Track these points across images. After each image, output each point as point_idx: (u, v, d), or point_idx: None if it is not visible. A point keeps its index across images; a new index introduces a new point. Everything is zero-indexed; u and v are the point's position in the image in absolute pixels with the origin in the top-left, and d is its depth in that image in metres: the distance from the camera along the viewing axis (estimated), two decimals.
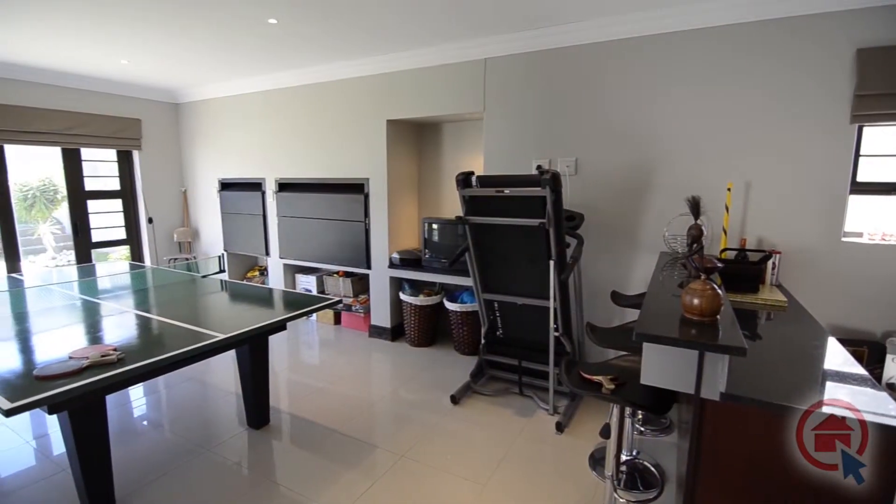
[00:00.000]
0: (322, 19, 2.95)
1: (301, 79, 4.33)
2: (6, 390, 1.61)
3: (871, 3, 2.36)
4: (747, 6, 2.58)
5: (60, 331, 2.37)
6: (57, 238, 6.75)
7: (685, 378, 1.34)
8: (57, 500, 2.13)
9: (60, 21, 2.96)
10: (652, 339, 1.35)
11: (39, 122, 4.36)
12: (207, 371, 3.55)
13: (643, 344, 1.38)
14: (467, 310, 3.74)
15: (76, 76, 4.48)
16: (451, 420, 2.83)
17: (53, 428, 2.76)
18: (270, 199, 4.77)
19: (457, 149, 4.19)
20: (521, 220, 2.73)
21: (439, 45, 3.47)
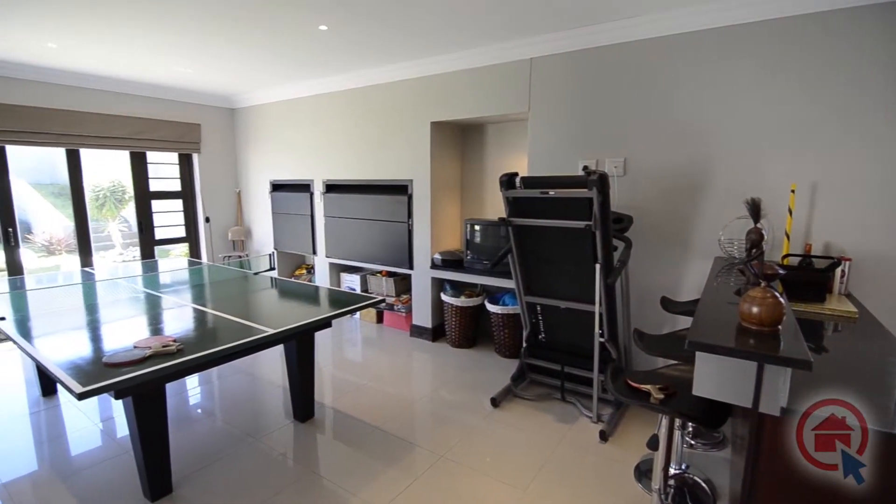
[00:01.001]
0: (370, 25, 3.01)
1: (348, 83, 4.44)
2: (78, 375, 1.75)
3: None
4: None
5: (126, 321, 2.54)
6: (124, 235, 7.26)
7: (742, 391, 1.26)
8: (120, 480, 2.28)
9: (131, 33, 3.18)
10: (706, 348, 1.28)
11: (112, 127, 4.71)
12: (257, 364, 3.71)
13: (696, 353, 1.31)
14: (509, 312, 3.70)
15: (144, 84, 4.80)
16: (490, 423, 2.81)
17: (118, 412, 2.96)
18: (318, 200, 4.92)
19: (500, 150, 4.17)
20: (567, 222, 2.67)
21: (484, 47, 3.46)
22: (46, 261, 6.57)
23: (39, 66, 4.04)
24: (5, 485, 2.26)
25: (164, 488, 2.15)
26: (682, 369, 1.91)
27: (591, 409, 2.83)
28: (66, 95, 4.40)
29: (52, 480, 2.30)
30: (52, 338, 2.28)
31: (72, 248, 5.03)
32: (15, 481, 2.29)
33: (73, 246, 4.96)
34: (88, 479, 2.30)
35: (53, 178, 6.28)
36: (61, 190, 5.56)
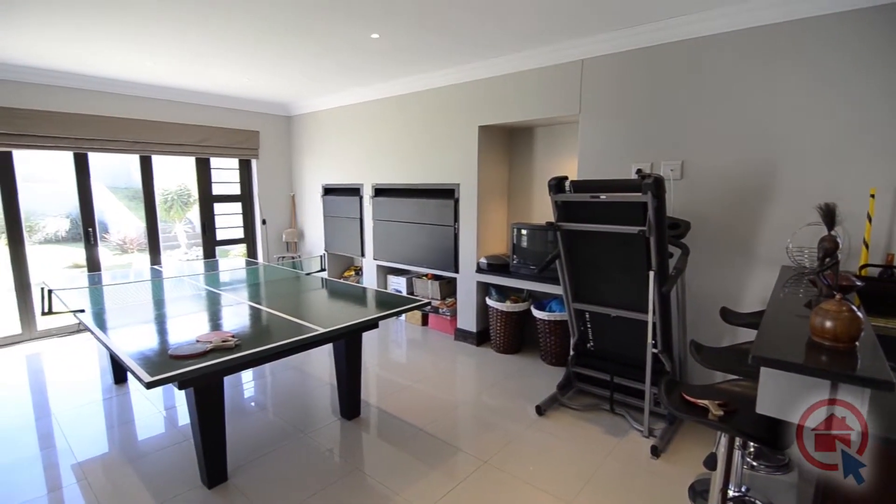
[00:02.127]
0: (419, 32, 3.06)
1: (397, 89, 4.53)
2: (147, 365, 1.87)
3: None
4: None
5: (189, 317, 2.71)
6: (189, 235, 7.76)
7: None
8: (181, 465, 2.42)
9: (203, 50, 3.40)
10: (772, 363, 1.20)
11: (180, 135, 5.05)
12: (306, 361, 3.84)
13: (761, 369, 1.23)
14: (556, 319, 3.63)
15: (209, 94, 5.12)
16: (535, 431, 2.76)
17: (181, 401, 3.15)
18: (367, 204, 5.04)
19: (549, 153, 4.11)
20: (619, 227, 2.59)
21: (534, 49, 3.43)
22: (120, 258, 7.13)
23: (124, 80, 4.39)
24: (81, 464, 2.46)
25: (220, 476, 2.27)
26: (743, 385, 1.79)
27: (642, 423, 2.72)
28: (141, 106, 4.76)
29: (120, 462, 2.47)
30: (124, 330, 2.47)
31: (143, 247, 5.43)
32: (89, 461, 2.48)
33: (143, 245, 5.34)
34: (153, 463, 2.46)
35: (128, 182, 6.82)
36: (135, 193, 6.02)
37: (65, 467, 2.43)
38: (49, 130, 4.21)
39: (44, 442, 2.68)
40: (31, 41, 3.25)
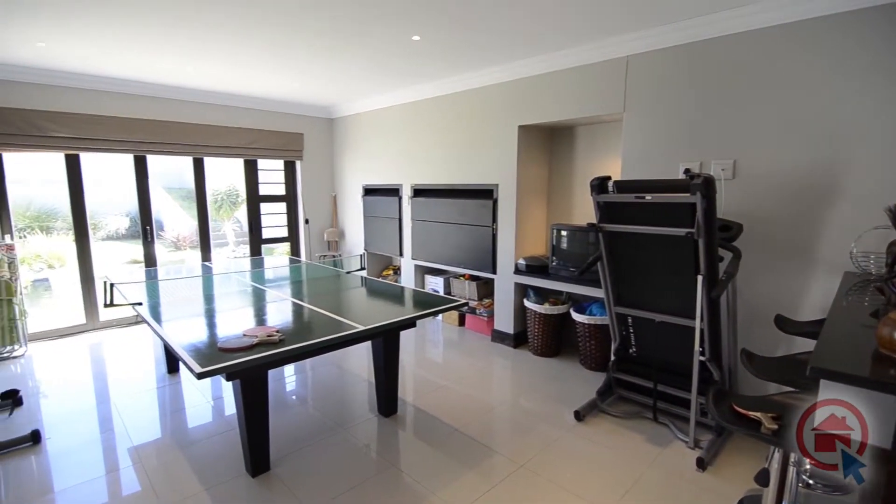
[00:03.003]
0: (460, 32, 3.06)
1: (437, 90, 4.55)
2: (198, 357, 1.96)
3: None
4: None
5: (236, 311, 2.82)
6: (236, 234, 8.11)
7: (877, 428, 1.08)
8: (227, 453, 2.53)
9: (252, 59, 3.55)
10: (834, 376, 1.12)
11: (230, 138, 5.28)
12: (345, 358, 3.92)
13: (820, 381, 1.15)
14: (596, 322, 3.54)
15: (257, 98, 5.33)
16: (573, 437, 2.70)
17: (227, 392, 3.29)
18: (406, 204, 5.10)
19: (591, 152, 4.01)
20: (665, 228, 2.49)
21: (576, 47, 3.36)
22: (174, 255, 7.54)
23: (181, 86, 4.64)
24: (136, 448, 2.61)
25: (263, 465, 2.35)
26: (799, 398, 1.68)
27: (687, 433, 2.60)
28: (195, 111, 5.01)
29: (172, 448, 2.61)
30: (177, 322, 2.60)
31: (194, 244, 5.71)
32: (143, 445, 2.64)
33: (195, 242, 5.62)
34: (201, 450, 2.58)
35: (181, 183, 7.19)
36: (188, 193, 6.34)
37: (122, 450, 2.59)
38: (112, 134, 4.50)
39: (104, 425, 2.86)
40: (98, 51, 3.48)
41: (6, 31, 3.05)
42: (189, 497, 2.18)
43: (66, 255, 5.95)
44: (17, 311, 3.97)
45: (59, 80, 4.17)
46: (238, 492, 2.22)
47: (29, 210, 6.30)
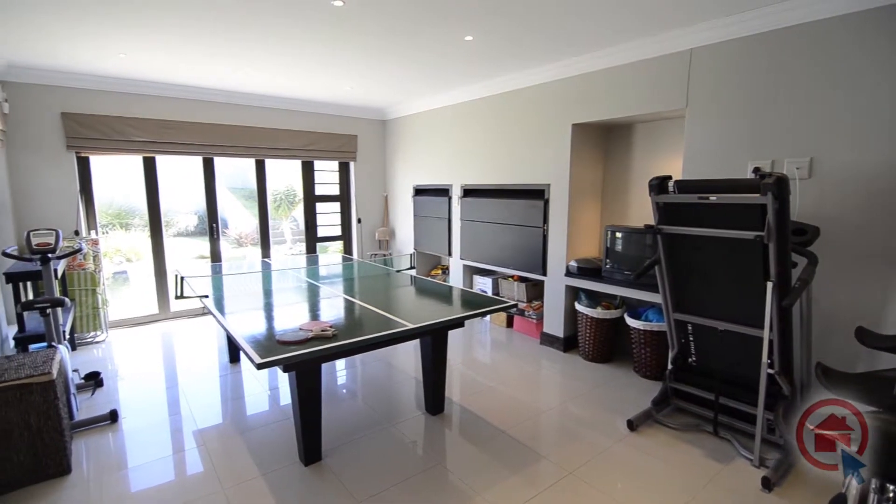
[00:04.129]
0: (513, 31, 3.03)
1: (488, 90, 4.53)
2: (258, 349, 2.06)
3: None
4: None
5: (292, 306, 2.94)
6: (293, 232, 8.48)
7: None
8: (282, 441, 2.63)
9: (312, 66, 3.69)
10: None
11: (290, 140, 5.52)
12: (394, 354, 3.98)
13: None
14: (652, 329, 3.39)
15: (314, 102, 5.54)
16: (625, 447, 2.60)
17: (283, 383, 3.44)
18: (455, 204, 5.11)
19: (649, 151, 3.85)
20: (731, 231, 2.35)
21: (636, 41, 3.23)
22: (236, 251, 7.98)
23: (246, 92, 4.91)
24: (201, 431, 2.78)
25: (315, 455, 2.43)
26: (883, 419, 1.53)
27: (751, 450, 2.43)
28: (258, 115, 5.28)
29: (232, 433, 2.76)
30: (239, 315, 2.74)
31: (255, 241, 6.02)
32: (206, 429, 2.80)
33: (256, 240, 5.92)
34: (258, 437, 2.70)
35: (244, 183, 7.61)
36: (249, 193, 6.69)
37: (187, 432, 2.77)
38: (184, 138, 4.83)
39: (172, 408, 3.07)
40: (173, 61, 3.75)
41: (95, 45, 3.35)
42: (247, 481, 2.29)
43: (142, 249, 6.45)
44: (100, 301, 4.34)
45: (137, 89, 4.53)
46: (291, 479, 2.31)
47: (111, 208, 6.90)
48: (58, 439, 2.27)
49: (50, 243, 2.89)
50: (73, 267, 4.15)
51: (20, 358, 2.41)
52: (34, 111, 4.15)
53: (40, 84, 4.13)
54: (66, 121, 4.26)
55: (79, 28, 3.01)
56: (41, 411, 2.21)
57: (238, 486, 2.25)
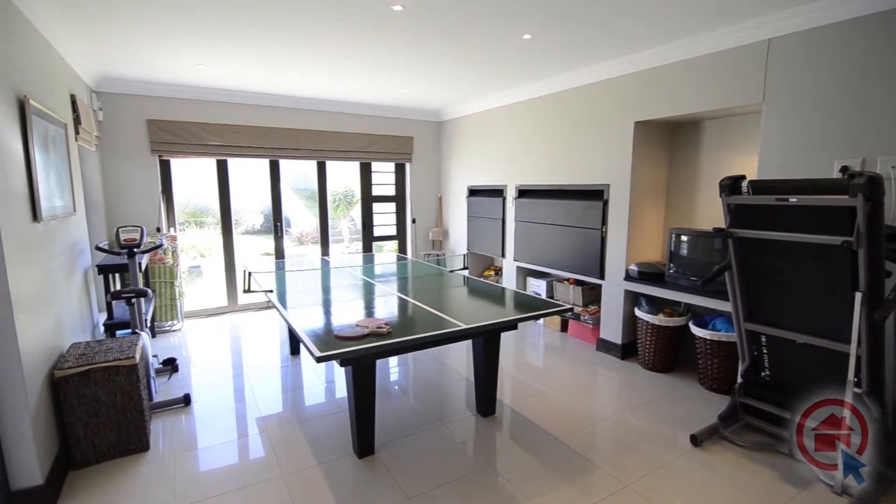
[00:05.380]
0: (574, 27, 2.95)
1: (545, 88, 4.45)
2: (317, 343, 2.14)
3: None
4: None
5: (349, 303, 3.03)
6: (350, 231, 8.75)
7: None
8: (337, 433, 2.72)
9: (373, 70, 3.79)
10: None
11: (349, 142, 5.70)
12: (445, 354, 4.00)
13: None
14: (720, 339, 3.18)
15: (373, 105, 5.69)
16: (687, 463, 2.45)
17: (339, 376, 3.55)
18: (510, 205, 5.06)
19: (719, 149, 3.62)
20: (815, 236, 2.15)
21: (707, 33, 3.05)
22: (298, 249, 8.36)
23: (310, 97, 5.13)
24: (263, 418, 2.93)
25: (368, 448, 2.49)
26: None
27: (832, 476, 2.22)
28: (320, 118, 5.50)
29: (291, 422, 2.88)
30: (300, 310, 2.87)
31: (315, 240, 6.27)
32: (268, 417, 2.95)
33: (316, 238, 6.17)
34: (315, 427, 2.81)
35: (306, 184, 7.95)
36: (311, 194, 6.98)
37: (251, 419, 2.93)
38: (254, 142, 5.12)
39: (237, 395, 3.26)
40: (245, 69, 3.98)
41: (177, 58, 3.63)
42: (304, 469, 2.38)
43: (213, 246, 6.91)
44: (177, 292, 4.69)
45: (212, 96, 4.86)
46: (346, 470, 2.38)
47: (187, 207, 7.46)
48: (139, 418, 2.48)
49: (136, 239, 3.16)
50: (154, 261, 4.52)
51: (108, 342, 2.65)
52: (123, 118, 4.56)
53: (129, 94, 4.53)
54: (151, 127, 4.65)
55: (165, 44, 3.28)
56: (125, 391, 2.42)
57: (296, 473, 2.34)
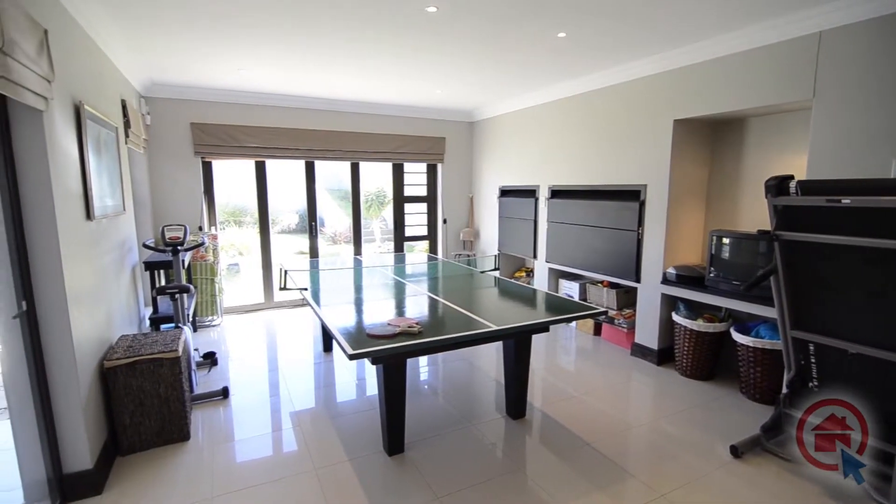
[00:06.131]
0: (609, 24, 2.88)
1: (579, 87, 4.37)
2: (350, 341, 2.17)
3: None
4: None
5: (381, 302, 3.06)
6: (382, 231, 8.86)
7: None
8: (368, 430, 2.75)
9: (406, 71, 3.83)
10: None
11: (382, 144, 5.77)
12: (475, 355, 3.99)
13: None
14: (764, 346, 3.03)
15: (405, 107, 5.74)
16: (727, 475, 2.35)
17: (370, 374, 3.59)
18: (542, 206, 5.00)
19: (765, 148, 3.45)
20: (870, 240, 2.02)
21: (751, 26, 2.92)
22: (331, 248, 8.53)
23: (344, 99, 5.23)
24: (297, 413, 3.00)
25: (398, 447, 2.51)
26: None
27: (887, 496, 2.08)
28: (353, 120, 5.59)
29: (323, 417, 2.94)
30: (333, 308, 2.92)
31: (348, 239, 6.38)
32: (300, 411, 3.02)
33: (349, 238, 6.27)
34: (346, 423, 2.85)
35: (339, 185, 8.10)
36: (344, 195, 7.11)
37: (285, 413, 3.00)
38: (290, 143, 5.25)
39: (272, 390, 3.35)
40: (282, 73, 4.10)
41: (219, 64, 3.77)
42: (335, 464, 2.42)
43: (251, 244, 7.14)
44: (217, 289, 4.87)
45: (251, 100, 5.02)
46: (376, 467, 2.40)
47: (227, 207, 7.73)
48: (181, 409, 2.58)
49: (180, 237, 3.30)
50: (196, 258, 4.70)
51: (153, 336, 2.78)
52: (169, 122, 4.77)
53: (174, 98, 4.73)
54: (194, 130, 4.84)
55: (209, 50, 3.41)
56: (169, 383, 2.53)
57: (327, 468, 2.39)
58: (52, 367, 2.03)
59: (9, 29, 1.55)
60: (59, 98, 2.12)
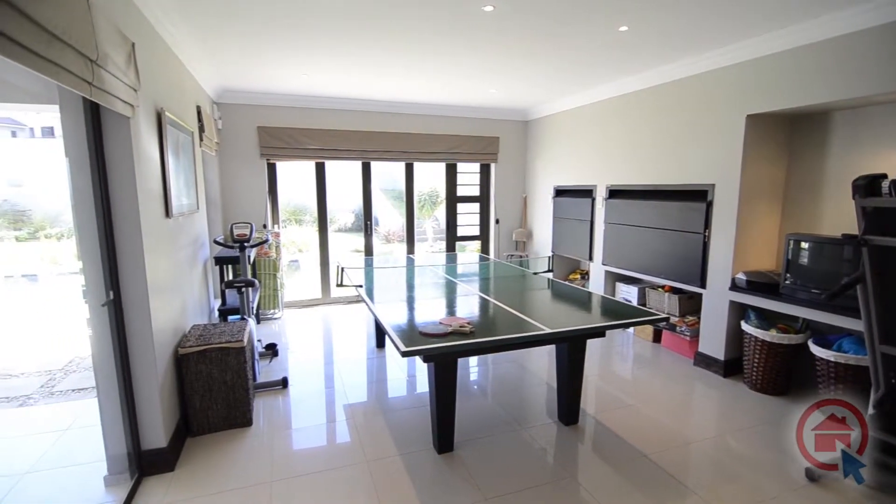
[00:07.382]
0: (678, 16, 2.73)
1: (640, 83, 4.18)
2: (402, 338, 2.20)
3: None
4: None
5: (433, 300, 3.09)
6: (434, 231, 8.95)
7: None
8: (418, 426, 2.78)
9: (467, 71, 3.84)
10: None
11: (436, 144, 5.82)
12: (527, 357, 3.93)
13: None
14: (847, 361, 2.76)
15: (460, 107, 5.75)
16: (801, 499, 2.16)
17: (420, 372, 3.64)
18: (599, 206, 4.84)
19: (852, 145, 3.14)
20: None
21: (833, 14, 2.66)
22: (385, 247, 8.73)
23: (399, 101, 5.33)
24: (350, 405, 3.09)
25: (447, 445, 2.52)
26: None
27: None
28: (409, 121, 5.68)
29: (375, 411, 3.01)
30: (387, 305, 2.98)
31: (401, 238, 6.49)
32: (353, 405, 3.10)
33: (402, 237, 6.38)
34: (397, 418, 2.90)
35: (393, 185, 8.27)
36: (398, 195, 7.24)
37: (339, 405, 3.10)
38: (348, 145, 5.42)
39: (328, 382, 3.47)
40: (342, 76, 4.23)
41: (285, 70, 3.95)
42: (386, 458, 2.47)
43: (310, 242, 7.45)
44: (279, 284, 5.12)
45: (312, 103, 5.23)
46: (425, 464, 2.43)
47: (289, 206, 8.11)
48: (245, 396, 2.74)
49: (246, 234, 3.50)
50: (260, 254, 4.97)
51: (222, 326, 2.96)
52: (238, 126, 5.07)
53: (243, 104, 5.03)
54: (261, 133, 5.11)
55: (278, 58, 3.59)
56: (234, 371, 2.69)
57: (378, 462, 2.44)
58: (134, 351, 2.22)
59: (102, 43, 1.70)
60: (144, 105, 2.31)
